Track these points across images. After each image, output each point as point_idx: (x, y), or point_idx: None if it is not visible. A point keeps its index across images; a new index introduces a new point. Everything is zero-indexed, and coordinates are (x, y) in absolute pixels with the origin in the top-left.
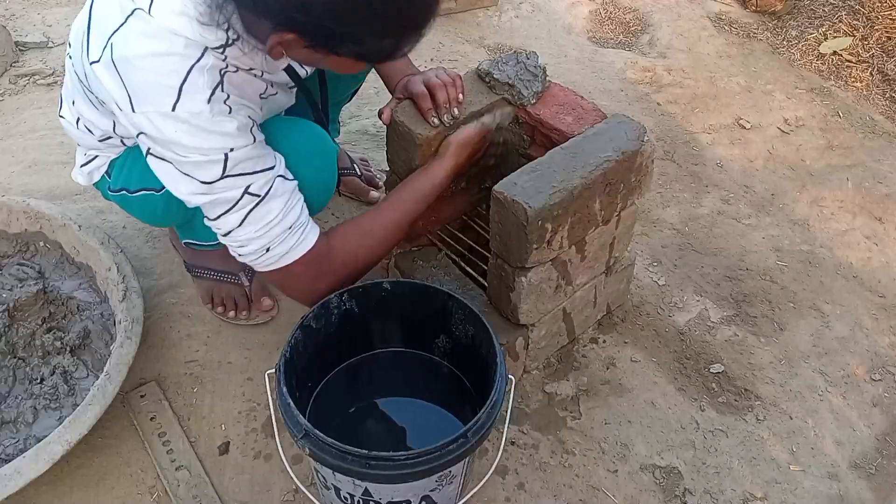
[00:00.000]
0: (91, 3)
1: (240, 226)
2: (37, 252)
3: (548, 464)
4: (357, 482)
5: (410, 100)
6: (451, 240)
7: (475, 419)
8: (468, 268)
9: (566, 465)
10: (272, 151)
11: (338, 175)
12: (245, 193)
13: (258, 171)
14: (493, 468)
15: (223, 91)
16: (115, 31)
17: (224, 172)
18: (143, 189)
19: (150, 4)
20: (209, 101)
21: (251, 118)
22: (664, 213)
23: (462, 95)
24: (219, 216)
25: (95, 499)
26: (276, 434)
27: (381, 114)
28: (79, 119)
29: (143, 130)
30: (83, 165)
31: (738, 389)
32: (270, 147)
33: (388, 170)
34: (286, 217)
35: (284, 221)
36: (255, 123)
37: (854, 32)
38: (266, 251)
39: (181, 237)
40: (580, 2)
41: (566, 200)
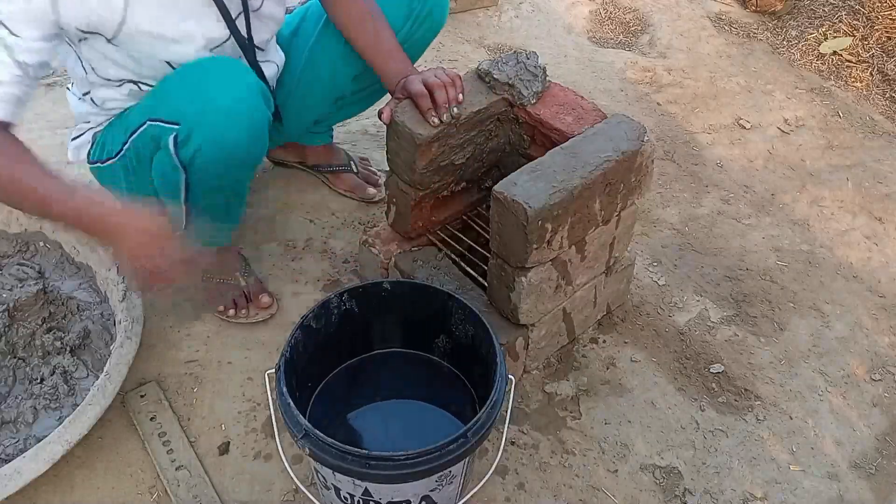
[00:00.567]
0: None
1: None
2: (37, 252)
3: (548, 464)
4: (357, 482)
5: (410, 100)
6: (451, 240)
7: (475, 419)
8: (468, 268)
9: (566, 465)
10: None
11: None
12: None
13: None
14: (493, 468)
15: None
16: None
17: None
18: (109, 159)
19: None
20: None
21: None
22: (664, 213)
23: (462, 95)
24: None
25: (95, 499)
26: (276, 434)
27: (381, 114)
28: (73, 83)
29: None
30: (74, 139)
31: (738, 389)
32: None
33: (388, 169)
34: None
35: None
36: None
37: (854, 32)
38: None
39: None
40: (580, 2)
41: (566, 200)
